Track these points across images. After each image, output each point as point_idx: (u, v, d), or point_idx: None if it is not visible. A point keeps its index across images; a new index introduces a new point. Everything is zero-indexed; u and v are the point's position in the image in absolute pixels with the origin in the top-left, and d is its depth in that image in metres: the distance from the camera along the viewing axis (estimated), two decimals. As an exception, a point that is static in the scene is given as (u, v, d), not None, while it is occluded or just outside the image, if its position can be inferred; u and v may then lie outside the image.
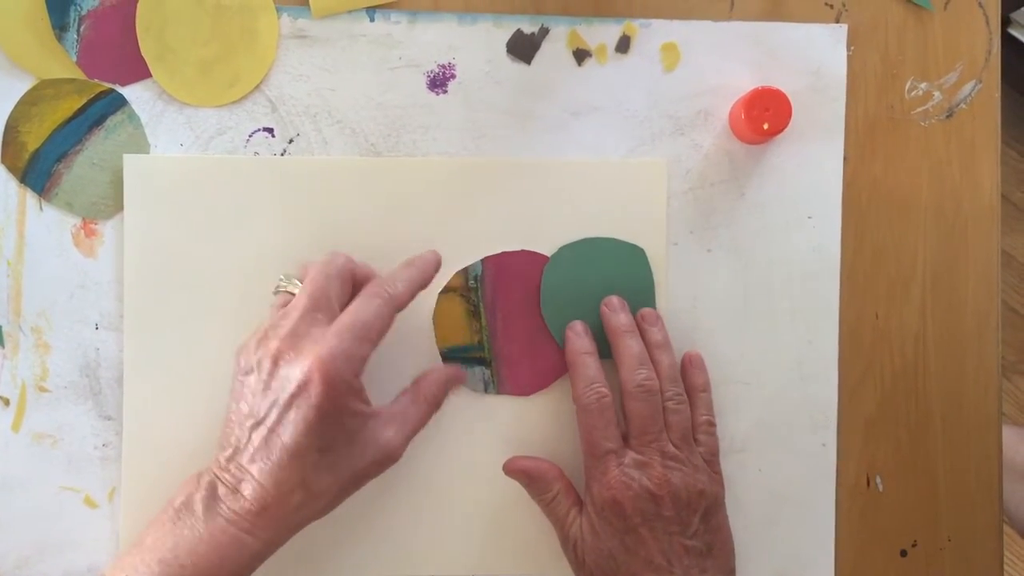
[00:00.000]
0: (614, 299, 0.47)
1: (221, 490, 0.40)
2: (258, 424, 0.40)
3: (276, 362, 0.40)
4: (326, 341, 0.39)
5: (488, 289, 0.48)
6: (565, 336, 0.47)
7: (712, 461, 0.46)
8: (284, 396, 0.39)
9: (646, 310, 0.48)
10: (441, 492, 0.48)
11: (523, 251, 0.48)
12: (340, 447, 0.40)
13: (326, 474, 0.40)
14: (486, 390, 0.48)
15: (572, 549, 0.45)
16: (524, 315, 0.48)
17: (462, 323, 0.48)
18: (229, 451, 0.40)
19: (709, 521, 0.44)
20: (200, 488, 0.40)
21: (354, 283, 0.44)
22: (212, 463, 0.41)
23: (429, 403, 0.44)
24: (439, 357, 0.48)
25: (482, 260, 0.48)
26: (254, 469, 0.39)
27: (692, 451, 0.45)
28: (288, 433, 0.39)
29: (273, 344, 0.40)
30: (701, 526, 0.44)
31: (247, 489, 0.39)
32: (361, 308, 0.41)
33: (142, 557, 0.39)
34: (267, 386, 0.40)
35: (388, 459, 0.42)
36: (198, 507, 0.40)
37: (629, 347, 0.46)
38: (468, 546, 0.48)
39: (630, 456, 0.44)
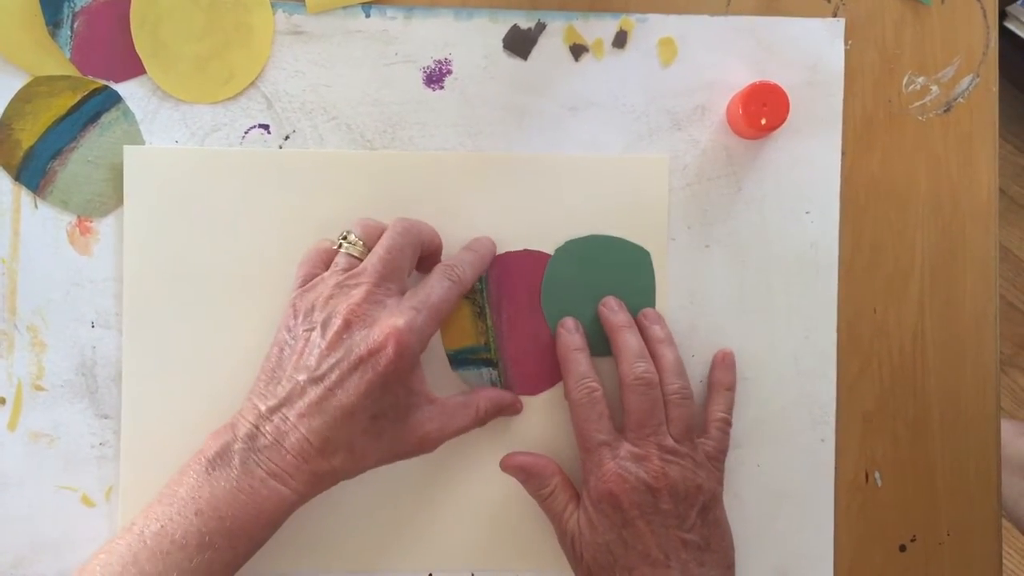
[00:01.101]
0: (612, 299, 0.48)
1: (261, 441, 0.40)
2: (316, 381, 0.40)
3: (348, 325, 0.41)
4: (403, 313, 0.41)
5: (493, 290, 0.48)
6: (556, 333, 0.47)
7: (717, 459, 0.46)
8: (351, 358, 0.40)
9: (647, 310, 0.48)
10: (446, 488, 0.48)
11: (526, 251, 0.48)
12: (390, 419, 0.41)
13: (372, 441, 0.41)
14: None
15: (570, 544, 0.45)
16: (529, 314, 0.48)
17: (468, 325, 0.48)
18: (273, 402, 0.40)
19: (707, 515, 0.44)
20: (238, 439, 0.40)
21: (421, 251, 0.45)
22: (245, 411, 0.41)
23: (478, 415, 0.45)
24: (446, 359, 0.48)
25: (490, 265, 0.48)
26: (303, 425, 0.40)
27: (693, 446, 0.45)
28: (347, 394, 0.40)
29: (343, 306, 0.41)
30: (699, 520, 0.43)
31: (290, 442, 0.39)
32: (436, 288, 0.43)
33: (177, 508, 0.39)
34: (332, 346, 0.40)
35: (422, 450, 0.43)
36: (235, 459, 0.40)
37: (627, 341, 0.46)
38: (469, 541, 0.48)
39: (626, 448, 0.44)
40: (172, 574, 0.38)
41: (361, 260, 0.44)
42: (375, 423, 0.41)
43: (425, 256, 0.46)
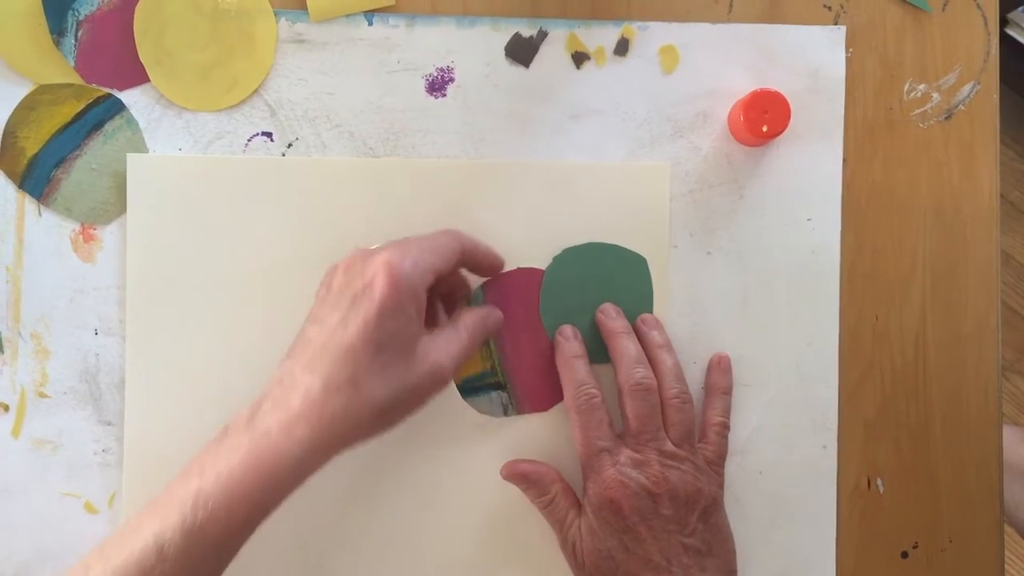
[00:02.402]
0: (609, 306, 0.48)
1: (267, 404, 0.39)
2: (319, 327, 0.40)
3: (347, 269, 0.41)
4: (395, 248, 0.40)
5: None
6: (555, 341, 0.47)
7: (716, 464, 0.46)
8: (349, 295, 0.39)
9: (646, 315, 0.48)
10: (439, 492, 0.48)
11: (519, 269, 0.48)
12: (394, 353, 0.39)
13: (377, 377, 0.39)
14: (506, 413, 0.48)
15: (571, 551, 0.45)
16: (529, 332, 0.48)
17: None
18: (285, 363, 0.40)
19: (708, 520, 0.44)
20: (247, 408, 0.39)
21: (462, 259, 0.44)
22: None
23: (471, 333, 0.43)
24: (456, 391, 0.48)
25: (481, 286, 0.48)
26: (307, 372, 0.39)
27: (693, 451, 0.45)
28: (346, 330, 0.39)
29: (345, 260, 0.41)
30: (700, 525, 0.44)
31: (294, 392, 0.38)
32: (433, 233, 0.43)
33: (186, 472, 0.38)
34: (335, 295, 0.40)
35: (440, 379, 0.41)
36: (241, 421, 0.39)
37: (625, 348, 0.46)
38: (466, 546, 0.48)
39: (626, 454, 0.44)
40: (166, 534, 0.36)
41: None
42: (380, 355, 0.39)
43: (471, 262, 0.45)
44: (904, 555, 0.50)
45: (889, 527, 0.50)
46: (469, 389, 0.48)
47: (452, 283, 0.46)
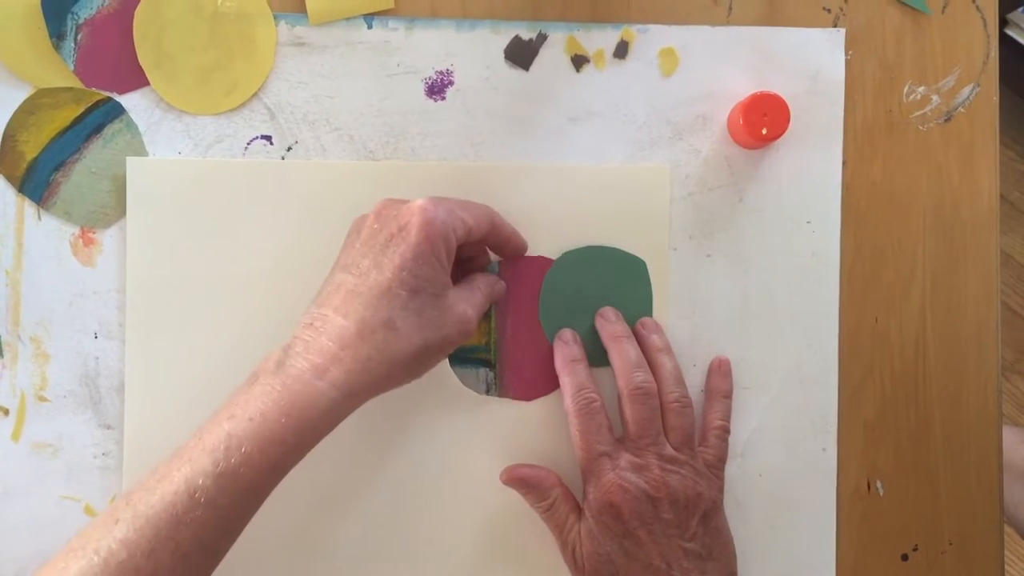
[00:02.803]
0: (608, 310, 0.48)
1: (298, 346, 0.38)
2: (350, 271, 0.40)
3: (378, 216, 0.41)
4: (430, 198, 0.40)
5: None
6: (554, 345, 0.47)
7: (716, 467, 0.46)
8: (381, 239, 0.40)
9: (646, 319, 0.48)
10: (439, 496, 0.48)
11: (539, 257, 0.48)
12: (429, 295, 0.40)
13: (412, 317, 0.39)
14: (488, 391, 0.48)
15: (571, 555, 0.45)
16: (531, 320, 0.48)
17: None
18: (313, 309, 0.39)
19: (708, 524, 0.44)
20: (276, 351, 0.39)
21: (491, 231, 0.44)
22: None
23: (485, 294, 0.44)
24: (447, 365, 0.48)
25: (498, 262, 0.48)
26: (339, 313, 0.38)
27: (693, 455, 0.45)
28: (381, 272, 0.39)
29: (376, 208, 0.41)
30: (700, 529, 0.44)
31: (328, 332, 0.38)
32: (467, 200, 0.43)
33: (216, 417, 0.38)
34: (366, 241, 0.40)
35: (466, 330, 0.42)
36: (271, 364, 0.38)
37: (625, 351, 0.46)
38: (466, 551, 0.48)
39: (626, 459, 0.44)
40: (197, 479, 0.36)
41: None
42: (414, 298, 0.39)
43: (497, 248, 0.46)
44: (904, 557, 0.50)
45: (889, 529, 0.50)
46: (458, 358, 0.48)
47: (474, 252, 0.46)
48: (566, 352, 0.47)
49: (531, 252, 0.48)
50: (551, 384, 0.48)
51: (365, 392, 0.39)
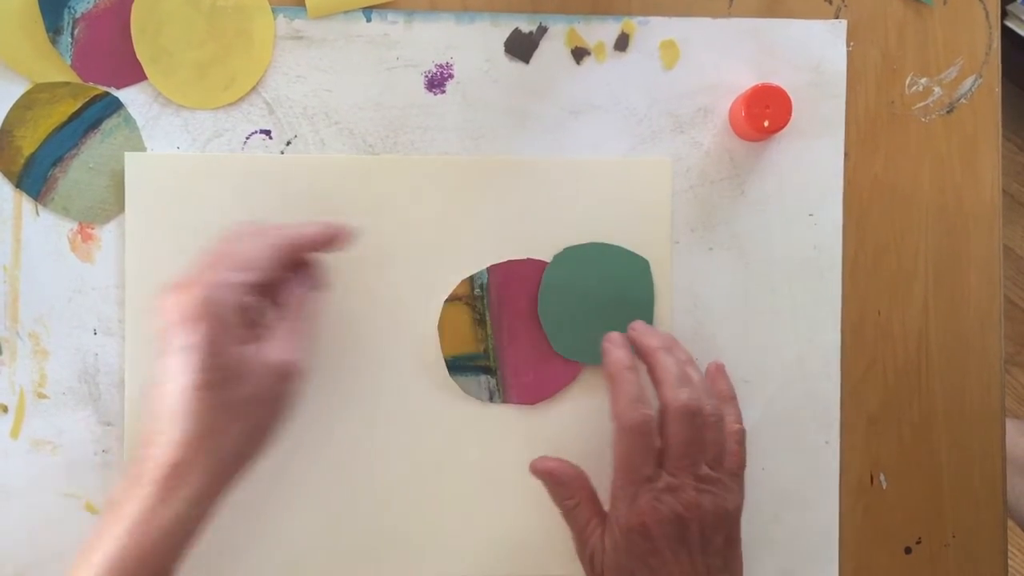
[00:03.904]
0: (640, 323, 0.47)
1: (133, 471, 0.38)
2: (155, 389, 0.39)
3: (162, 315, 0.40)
4: (192, 281, 0.39)
5: (494, 298, 0.48)
6: (603, 348, 0.45)
7: (738, 475, 0.45)
8: (174, 346, 0.39)
9: (664, 334, 0.46)
10: (448, 507, 0.48)
11: (529, 259, 0.48)
12: (231, 380, 0.39)
13: (221, 413, 0.39)
14: (491, 399, 0.48)
15: (589, 560, 0.44)
16: (529, 324, 0.48)
17: (468, 332, 0.47)
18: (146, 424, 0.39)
19: (729, 537, 0.44)
20: (119, 485, 0.39)
21: (288, 254, 0.42)
22: None
23: (297, 314, 0.42)
24: (444, 365, 0.47)
25: (488, 268, 0.47)
26: (157, 435, 0.38)
27: (724, 469, 0.44)
28: (175, 382, 0.38)
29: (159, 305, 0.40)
30: (722, 543, 0.43)
31: (155, 455, 0.38)
32: (232, 240, 0.41)
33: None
34: (159, 352, 0.39)
35: (287, 374, 0.41)
36: (116, 496, 0.38)
37: (667, 365, 0.44)
38: (471, 552, 0.48)
39: (664, 480, 0.42)
40: None
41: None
42: (220, 392, 0.39)
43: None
44: (907, 550, 0.50)
45: (892, 522, 0.50)
46: (458, 367, 0.48)
47: (291, 277, 0.43)
48: (616, 356, 0.44)
49: (529, 247, 0.48)
50: (553, 387, 0.48)
51: (220, 489, 0.39)
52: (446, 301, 0.47)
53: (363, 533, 0.47)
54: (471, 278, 0.47)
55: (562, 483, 0.45)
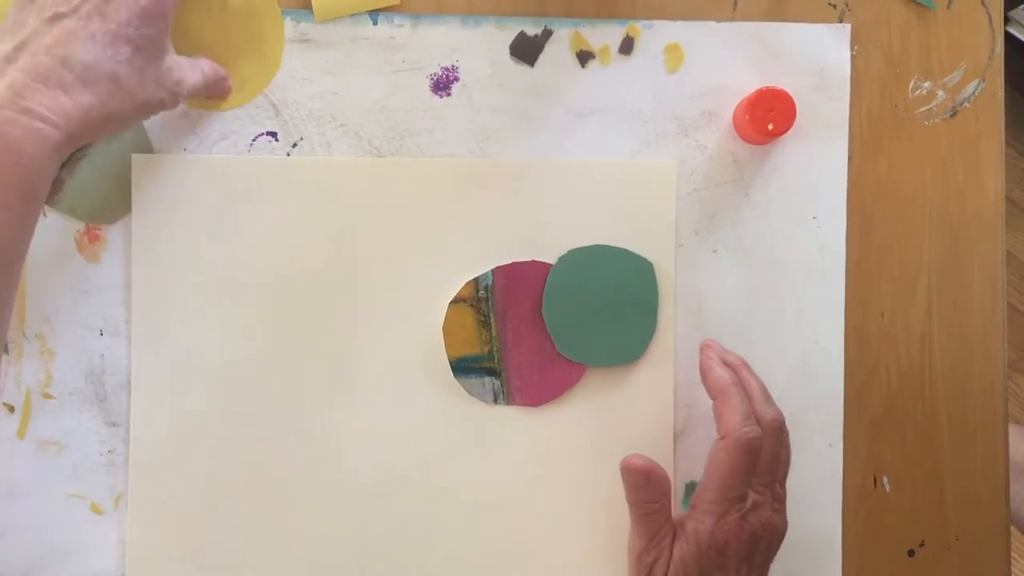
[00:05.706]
0: (712, 341, 0.47)
1: (10, 81, 0.36)
2: (68, 14, 0.38)
3: None
4: None
5: (498, 299, 0.48)
6: (703, 364, 0.45)
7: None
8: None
9: (728, 355, 0.47)
10: (453, 509, 0.48)
11: (533, 261, 0.48)
12: (150, 55, 0.40)
13: (136, 74, 0.39)
14: (495, 400, 0.48)
15: (649, 565, 0.43)
16: (533, 326, 0.48)
17: (472, 333, 0.48)
18: (20, 37, 0.37)
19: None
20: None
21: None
22: None
23: (204, 76, 0.44)
24: (449, 367, 0.48)
25: (492, 270, 0.48)
26: (58, 53, 0.37)
27: (785, 487, 0.44)
28: (106, 21, 0.38)
29: None
30: (771, 557, 0.44)
31: (46, 74, 0.37)
32: None
33: None
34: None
35: (174, 99, 0.42)
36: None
37: (753, 382, 0.45)
38: (475, 553, 0.48)
39: (752, 498, 0.42)
40: None
41: None
42: (138, 55, 0.39)
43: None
44: (911, 553, 0.50)
45: (895, 525, 0.50)
46: (462, 369, 0.48)
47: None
48: (722, 375, 0.44)
49: (534, 249, 0.48)
50: (557, 389, 0.48)
51: (78, 140, 0.39)
52: (451, 303, 0.47)
53: (367, 534, 0.47)
54: (476, 280, 0.48)
55: (656, 486, 0.44)
